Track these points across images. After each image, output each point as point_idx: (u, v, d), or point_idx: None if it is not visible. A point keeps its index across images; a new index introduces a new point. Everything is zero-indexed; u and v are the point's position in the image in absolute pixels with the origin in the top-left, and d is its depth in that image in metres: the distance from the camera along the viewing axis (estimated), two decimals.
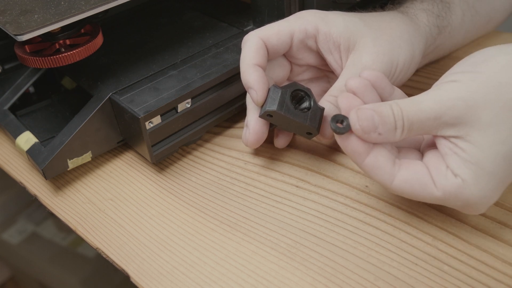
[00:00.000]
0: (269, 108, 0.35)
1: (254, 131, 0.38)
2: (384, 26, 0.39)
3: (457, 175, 0.29)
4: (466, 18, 0.46)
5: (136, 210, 0.39)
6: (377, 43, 0.37)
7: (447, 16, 0.43)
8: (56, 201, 0.41)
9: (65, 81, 0.49)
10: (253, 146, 0.39)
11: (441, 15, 0.43)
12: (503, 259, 0.32)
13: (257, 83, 0.36)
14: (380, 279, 0.32)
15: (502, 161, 0.28)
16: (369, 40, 0.38)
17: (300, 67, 0.41)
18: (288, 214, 0.37)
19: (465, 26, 0.46)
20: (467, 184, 0.29)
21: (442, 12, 0.43)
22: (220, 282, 0.33)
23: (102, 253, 0.36)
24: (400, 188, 0.31)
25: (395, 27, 0.39)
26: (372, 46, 0.37)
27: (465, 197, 0.29)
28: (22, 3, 0.37)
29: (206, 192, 0.40)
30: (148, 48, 0.46)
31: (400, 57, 0.38)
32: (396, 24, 0.39)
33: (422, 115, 0.30)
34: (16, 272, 1.02)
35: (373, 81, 0.33)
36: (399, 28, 0.39)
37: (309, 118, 0.36)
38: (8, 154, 0.46)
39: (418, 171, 0.30)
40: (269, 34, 0.37)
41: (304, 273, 0.33)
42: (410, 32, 0.40)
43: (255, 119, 0.38)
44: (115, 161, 0.44)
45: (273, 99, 0.36)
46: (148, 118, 0.37)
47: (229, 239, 0.36)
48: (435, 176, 0.30)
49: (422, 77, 0.48)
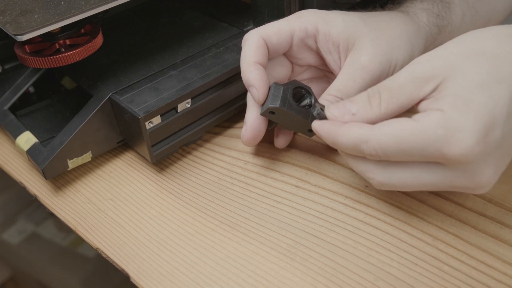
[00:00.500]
0: (272, 104, 0.35)
1: (251, 128, 0.38)
2: (383, 26, 0.39)
3: (436, 108, 0.29)
4: (466, 18, 0.46)
5: (136, 210, 0.39)
6: (375, 43, 0.38)
7: (447, 16, 0.43)
8: (56, 201, 0.41)
9: (65, 81, 0.49)
10: (250, 144, 0.39)
11: (441, 14, 0.43)
12: (503, 259, 0.32)
13: (258, 81, 0.36)
14: (380, 279, 0.32)
15: (478, 89, 0.28)
16: (367, 40, 0.38)
17: (300, 67, 0.41)
18: (288, 214, 0.37)
19: (465, 26, 0.46)
20: (447, 113, 0.28)
21: (442, 12, 0.43)
22: (220, 282, 0.33)
23: (102, 253, 0.36)
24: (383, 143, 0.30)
25: (395, 27, 0.39)
26: (370, 47, 0.37)
27: (448, 128, 0.28)
28: (22, 3, 0.37)
29: (206, 192, 0.40)
30: (148, 48, 0.46)
31: (398, 57, 0.38)
32: (396, 24, 0.40)
33: (399, 80, 0.31)
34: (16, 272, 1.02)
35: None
36: (399, 28, 0.39)
37: (311, 115, 0.36)
38: (8, 154, 0.46)
39: (400, 120, 0.30)
40: (270, 33, 0.37)
41: (304, 273, 0.33)
42: (409, 32, 0.40)
43: (254, 116, 0.38)
44: (115, 161, 0.44)
45: (275, 96, 0.36)
46: (148, 118, 0.37)
47: (229, 239, 0.36)
48: (417, 118, 0.29)
49: None
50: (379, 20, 0.40)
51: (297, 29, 0.38)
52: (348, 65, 0.37)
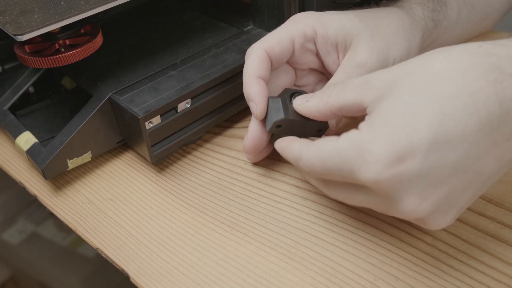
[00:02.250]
0: (277, 118, 0.35)
1: (252, 136, 0.38)
2: (379, 23, 0.39)
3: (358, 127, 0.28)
4: (462, 14, 0.46)
5: (136, 210, 0.39)
6: (371, 41, 0.38)
7: (442, 10, 0.44)
8: (56, 201, 0.41)
9: (65, 81, 0.49)
10: (251, 152, 0.39)
11: (436, 9, 0.43)
12: (503, 259, 0.32)
13: (257, 96, 0.36)
14: (380, 279, 0.32)
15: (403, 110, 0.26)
16: (363, 39, 0.38)
17: (302, 71, 0.41)
18: (288, 214, 0.37)
19: (462, 22, 0.46)
20: (362, 133, 0.27)
21: (437, 6, 0.43)
22: (220, 282, 0.33)
23: (102, 253, 0.36)
24: (311, 162, 0.29)
25: (390, 23, 0.39)
26: (366, 45, 0.37)
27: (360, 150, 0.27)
28: (22, 3, 0.37)
29: (206, 192, 0.40)
30: (148, 48, 0.46)
31: (396, 53, 0.38)
32: (391, 19, 0.40)
33: (357, 80, 0.30)
34: (16, 272, 1.02)
35: None
36: (394, 23, 0.39)
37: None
38: (8, 154, 0.46)
39: (326, 139, 0.29)
40: (272, 44, 0.37)
41: (304, 273, 0.33)
42: (405, 27, 0.40)
43: (255, 126, 0.38)
44: (115, 161, 0.44)
45: (276, 109, 0.36)
46: (148, 118, 0.37)
47: (229, 239, 0.36)
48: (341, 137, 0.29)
49: None
50: (374, 16, 0.40)
51: (296, 34, 0.38)
52: (345, 64, 0.38)
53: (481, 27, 0.51)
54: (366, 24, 0.38)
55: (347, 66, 0.37)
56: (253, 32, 0.47)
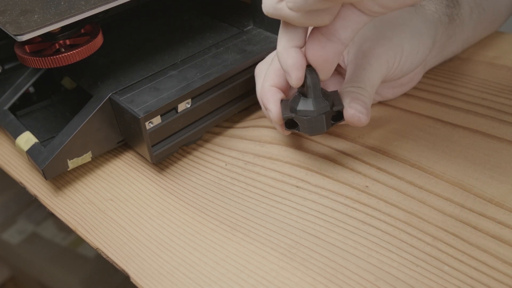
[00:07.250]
0: (286, 115, 0.36)
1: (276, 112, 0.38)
2: (386, 15, 0.39)
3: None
4: (474, 15, 0.46)
5: (136, 210, 0.39)
6: (378, 30, 0.38)
7: (456, 7, 0.44)
8: (56, 201, 0.41)
9: (65, 81, 0.49)
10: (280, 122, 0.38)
11: (450, 5, 0.44)
12: (504, 260, 0.32)
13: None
14: (380, 280, 0.32)
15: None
16: (370, 27, 0.38)
17: None
18: (288, 215, 0.37)
19: (473, 23, 0.47)
20: None
21: (450, 3, 0.44)
22: (220, 283, 0.33)
23: (102, 253, 0.36)
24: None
25: (398, 14, 0.40)
26: (374, 33, 0.38)
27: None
28: (22, 3, 0.37)
29: (206, 192, 0.40)
30: (148, 48, 0.46)
31: (404, 43, 0.38)
32: (399, 12, 0.40)
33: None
34: (16, 272, 1.02)
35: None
36: (402, 16, 0.40)
37: (332, 102, 0.36)
38: (8, 154, 0.46)
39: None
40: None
41: (304, 273, 0.33)
42: (413, 20, 0.40)
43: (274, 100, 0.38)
44: (115, 161, 0.44)
45: (288, 106, 0.37)
46: (148, 118, 0.37)
47: (229, 240, 0.36)
48: None
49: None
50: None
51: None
52: (355, 57, 0.38)
53: (489, 30, 0.52)
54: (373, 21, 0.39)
55: (358, 59, 0.38)
56: (253, 32, 0.47)
